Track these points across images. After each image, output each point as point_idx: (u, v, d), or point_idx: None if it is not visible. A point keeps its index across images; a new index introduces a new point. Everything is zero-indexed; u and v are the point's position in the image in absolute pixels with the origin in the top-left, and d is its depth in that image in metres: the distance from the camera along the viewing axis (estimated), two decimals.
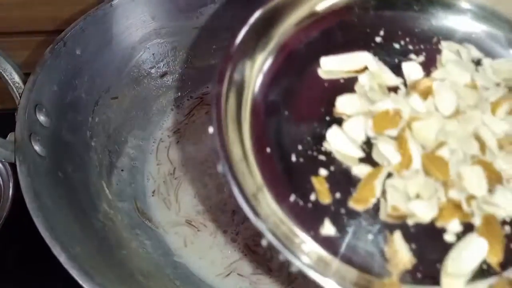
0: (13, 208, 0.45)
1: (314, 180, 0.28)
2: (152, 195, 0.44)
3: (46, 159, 0.36)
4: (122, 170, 0.45)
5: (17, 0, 0.50)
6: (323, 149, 0.30)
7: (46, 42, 0.52)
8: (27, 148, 0.35)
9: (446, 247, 0.27)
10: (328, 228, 0.27)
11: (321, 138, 0.30)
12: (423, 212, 0.27)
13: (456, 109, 0.30)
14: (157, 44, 0.50)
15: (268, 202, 0.27)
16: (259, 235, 0.25)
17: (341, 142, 0.29)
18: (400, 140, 0.29)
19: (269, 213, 0.27)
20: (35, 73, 0.39)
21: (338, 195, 0.28)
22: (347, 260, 0.27)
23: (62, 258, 0.30)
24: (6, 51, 0.39)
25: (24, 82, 0.39)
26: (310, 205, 0.28)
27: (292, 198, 0.28)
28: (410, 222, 0.28)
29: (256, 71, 0.31)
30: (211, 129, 0.27)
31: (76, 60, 0.43)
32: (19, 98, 0.38)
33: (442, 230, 0.27)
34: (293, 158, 0.29)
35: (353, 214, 0.28)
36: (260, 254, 0.41)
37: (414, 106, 0.30)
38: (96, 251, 0.34)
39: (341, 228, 0.27)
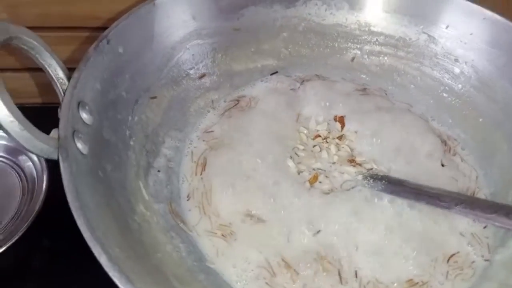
0: (47, 201, 0.45)
1: None
2: (187, 199, 0.44)
3: (87, 158, 0.36)
4: (158, 171, 0.44)
5: None
6: None
7: (84, 38, 0.53)
8: (70, 145, 0.34)
9: None
10: None
11: None
12: None
13: None
14: (197, 45, 0.50)
15: None
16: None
17: None
18: None
19: None
20: (79, 69, 0.38)
21: None
22: None
23: (103, 260, 0.29)
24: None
25: (68, 78, 0.39)
26: None
27: None
28: None
29: None
30: None
31: (118, 58, 0.43)
32: (63, 94, 0.38)
33: None
34: None
35: None
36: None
37: None
38: (133, 254, 0.34)
39: None
